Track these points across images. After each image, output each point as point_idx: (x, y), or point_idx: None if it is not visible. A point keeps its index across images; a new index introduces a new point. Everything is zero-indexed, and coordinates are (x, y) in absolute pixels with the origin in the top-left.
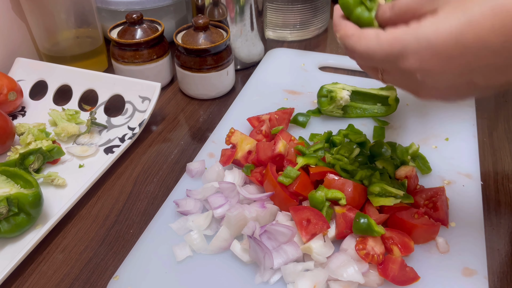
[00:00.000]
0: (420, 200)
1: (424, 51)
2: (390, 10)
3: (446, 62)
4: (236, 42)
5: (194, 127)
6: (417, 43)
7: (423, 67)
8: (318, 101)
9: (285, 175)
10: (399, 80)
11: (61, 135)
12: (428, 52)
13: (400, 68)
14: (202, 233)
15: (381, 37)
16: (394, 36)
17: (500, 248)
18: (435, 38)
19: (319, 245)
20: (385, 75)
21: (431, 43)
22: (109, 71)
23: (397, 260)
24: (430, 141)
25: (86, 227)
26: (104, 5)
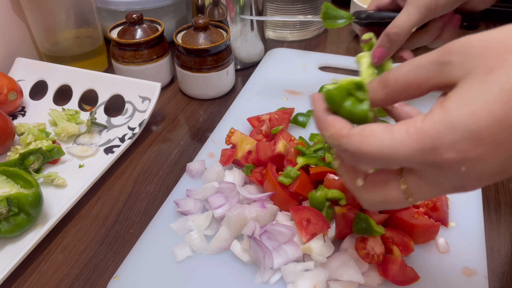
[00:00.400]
0: None
1: (464, 141)
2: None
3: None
4: (236, 42)
5: (194, 127)
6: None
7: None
8: None
9: (285, 175)
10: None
11: (61, 135)
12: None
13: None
14: (202, 233)
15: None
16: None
17: (500, 248)
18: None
19: (319, 245)
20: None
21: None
22: (109, 71)
23: (397, 260)
24: None
25: (86, 227)
26: (104, 5)
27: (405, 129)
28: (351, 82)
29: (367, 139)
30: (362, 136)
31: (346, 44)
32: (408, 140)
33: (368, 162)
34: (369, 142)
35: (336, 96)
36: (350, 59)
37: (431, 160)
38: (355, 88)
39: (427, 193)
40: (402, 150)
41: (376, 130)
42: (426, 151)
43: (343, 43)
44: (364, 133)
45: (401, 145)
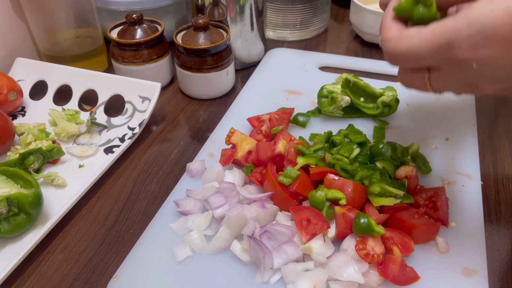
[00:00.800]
0: (420, 200)
1: (478, 36)
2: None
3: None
4: (236, 42)
5: (194, 127)
6: (468, 28)
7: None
8: (319, 101)
9: (285, 175)
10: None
11: (61, 135)
12: (483, 37)
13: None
14: (202, 233)
15: (424, 31)
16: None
17: (500, 248)
18: (489, 20)
19: (319, 245)
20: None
21: (486, 27)
22: (109, 71)
23: (397, 260)
24: (430, 141)
25: (86, 227)
26: (104, 5)
27: (432, 28)
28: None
29: (401, 41)
30: (398, 39)
31: (346, 44)
32: (431, 37)
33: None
34: (401, 43)
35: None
36: (350, 59)
37: (447, 55)
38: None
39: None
40: (425, 47)
41: (410, 33)
42: (444, 46)
43: (343, 43)
44: (401, 36)
45: (425, 42)
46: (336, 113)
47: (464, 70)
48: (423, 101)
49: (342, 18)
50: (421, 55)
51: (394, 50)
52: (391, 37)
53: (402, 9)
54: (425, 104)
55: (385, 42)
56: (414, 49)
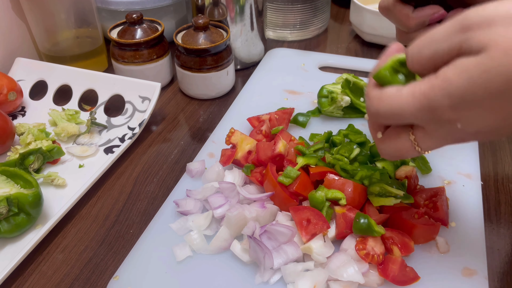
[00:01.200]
0: (420, 200)
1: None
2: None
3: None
4: (236, 42)
5: (194, 127)
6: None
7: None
8: (319, 101)
9: (285, 175)
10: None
11: (61, 135)
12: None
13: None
14: (202, 233)
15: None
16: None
17: (500, 248)
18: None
19: (319, 245)
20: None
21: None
22: (109, 71)
23: (397, 260)
24: None
25: (86, 227)
26: (104, 5)
27: (412, 91)
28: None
29: (383, 101)
30: (379, 99)
31: (346, 44)
32: (412, 101)
33: (384, 119)
34: (384, 103)
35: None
36: (350, 59)
37: (430, 117)
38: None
39: (432, 144)
40: (408, 109)
41: (390, 93)
42: (426, 110)
43: (343, 43)
44: (382, 96)
45: (407, 105)
46: (336, 113)
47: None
48: None
49: (342, 18)
50: (404, 116)
51: (376, 110)
52: (372, 96)
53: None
54: None
55: (367, 99)
56: (397, 111)
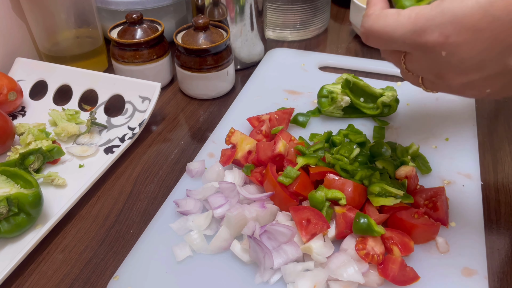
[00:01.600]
0: (420, 200)
1: (449, 25)
2: None
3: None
4: (236, 42)
5: (194, 127)
6: (441, 16)
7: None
8: (319, 101)
9: (285, 175)
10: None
11: (61, 135)
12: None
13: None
14: (202, 233)
15: (401, 15)
16: (417, 11)
17: (500, 248)
18: (461, 9)
19: (319, 245)
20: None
21: (457, 15)
22: (109, 71)
23: (397, 260)
24: (430, 141)
25: (86, 227)
26: (104, 5)
27: (409, 12)
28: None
29: (379, 19)
30: (377, 16)
31: (346, 44)
32: (407, 21)
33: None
34: (379, 21)
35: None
36: (350, 59)
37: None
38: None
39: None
40: (400, 30)
41: (389, 13)
42: (416, 32)
43: (343, 43)
44: (380, 14)
45: (401, 25)
46: (336, 113)
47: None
48: (423, 101)
49: (342, 18)
50: (393, 38)
51: (370, 27)
52: (371, 13)
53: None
54: (425, 104)
55: (365, 17)
56: (388, 30)
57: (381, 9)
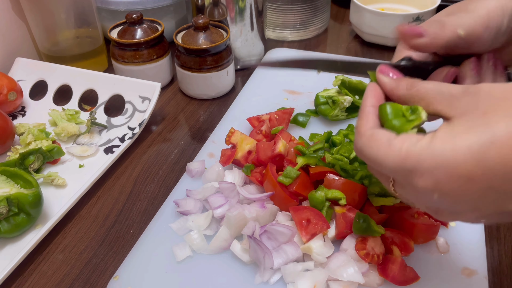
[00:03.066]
0: None
1: (440, 171)
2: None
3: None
4: (236, 42)
5: (194, 127)
6: (431, 160)
7: (440, 188)
8: (319, 110)
9: (285, 175)
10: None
11: (61, 135)
12: (445, 172)
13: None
14: (202, 233)
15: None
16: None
17: (500, 248)
18: (452, 157)
19: (319, 245)
20: (397, 187)
21: (448, 163)
22: (109, 71)
23: (397, 260)
24: None
25: (86, 227)
26: (104, 5)
27: (399, 147)
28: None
29: (370, 144)
30: (369, 140)
31: (346, 44)
32: (397, 157)
33: (366, 161)
34: (370, 147)
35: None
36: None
37: (409, 180)
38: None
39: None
40: (390, 163)
41: (381, 140)
42: (407, 171)
43: (343, 43)
44: (372, 138)
45: (391, 159)
46: (341, 115)
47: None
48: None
49: (342, 18)
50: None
51: (361, 150)
52: (363, 133)
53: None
54: None
55: (356, 134)
56: (379, 160)
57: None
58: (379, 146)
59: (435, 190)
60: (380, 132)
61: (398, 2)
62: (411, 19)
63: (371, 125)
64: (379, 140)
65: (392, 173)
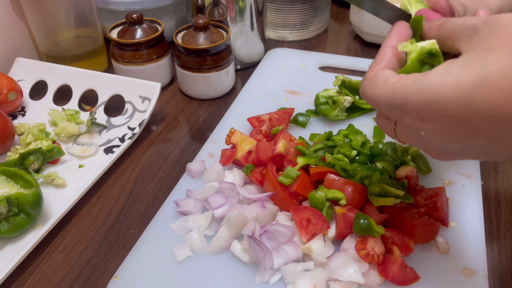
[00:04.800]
0: (420, 200)
1: (425, 107)
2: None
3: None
4: (236, 42)
5: (194, 127)
6: (419, 95)
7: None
8: (319, 110)
9: (285, 175)
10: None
11: (61, 135)
12: (431, 109)
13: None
14: (202, 233)
15: (388, 83)
16: (401, 83)
17: (500, 248)
18: (439, 92)
19: (319, 245)
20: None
21: (434, 98)
22: (109, 71)
23: (397, 260)
24: None
25: (86, 227)
26: (104, 5)
27: (394, 83)
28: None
29: (370, 85)
30: (369, 82)
31: (346, 44)
32: (389, 92)
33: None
34: (369, 88)
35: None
36: (350, 59)
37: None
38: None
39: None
40: (383, 101)
41: (380, 78)
42: (397, 106)
43: (343, 43)
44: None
45: (384, 97)
46: (341, 115)
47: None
48: None
49: (342, 18)
50: (380, 107)
51: (363, 92)
52: (367, 75)
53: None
54: None
55: (363, 79)
56: (376, 100)
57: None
58: (377, 84)
59: (421, 126)
60: (382, 71)
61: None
62: None
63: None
64: (378, 78)
65: (387, 111)
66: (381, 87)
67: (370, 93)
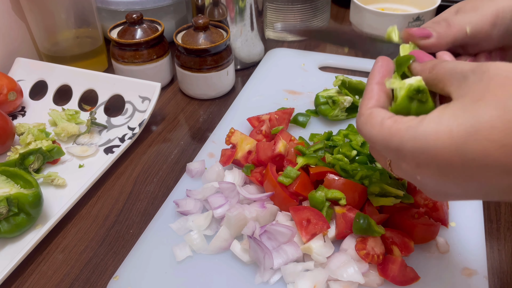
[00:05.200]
0: (420, 200)
1: (420, 154)
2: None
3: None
4: (236, 42)
5: (194, 127)
6: (413, 143)
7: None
8: (319, 110)
9: (285, 175)
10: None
11: (61, 135)
12: (425, 156)
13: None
14: (202, 233)
15: (384, 126)
16: (396, 128)
17: (500, 248)
18: (433, 140)
19: (319, 245)
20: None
21: (429, 146)
22: (109, 71)
23: (397, 260)
24: None
25: (86, 227)
26: (104, 5)
27: (389, 126)
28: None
29: (366, 123)
30: (365, 119)
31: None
32: (386, 136)
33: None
34: (366, 127)
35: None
36: (350, 59)
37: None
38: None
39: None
40: (379, 142)
41: (376, 119)
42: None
43: None
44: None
45: (380, 138)
46: (341, 115)
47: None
48: None
49: (342, 18)
50: (376, 147)
51: (359, 129)
52: (362, 113)
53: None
54: None
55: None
56: (373, 140)
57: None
58: (374, 125)
59: (416, 172)
60: (377, 111)
61: (398, 2)
62: (411, 19)
63: (373, 103)
64: (374, 118)
65: (384, 152)
66: (378, 129)
67: (366, 132)
